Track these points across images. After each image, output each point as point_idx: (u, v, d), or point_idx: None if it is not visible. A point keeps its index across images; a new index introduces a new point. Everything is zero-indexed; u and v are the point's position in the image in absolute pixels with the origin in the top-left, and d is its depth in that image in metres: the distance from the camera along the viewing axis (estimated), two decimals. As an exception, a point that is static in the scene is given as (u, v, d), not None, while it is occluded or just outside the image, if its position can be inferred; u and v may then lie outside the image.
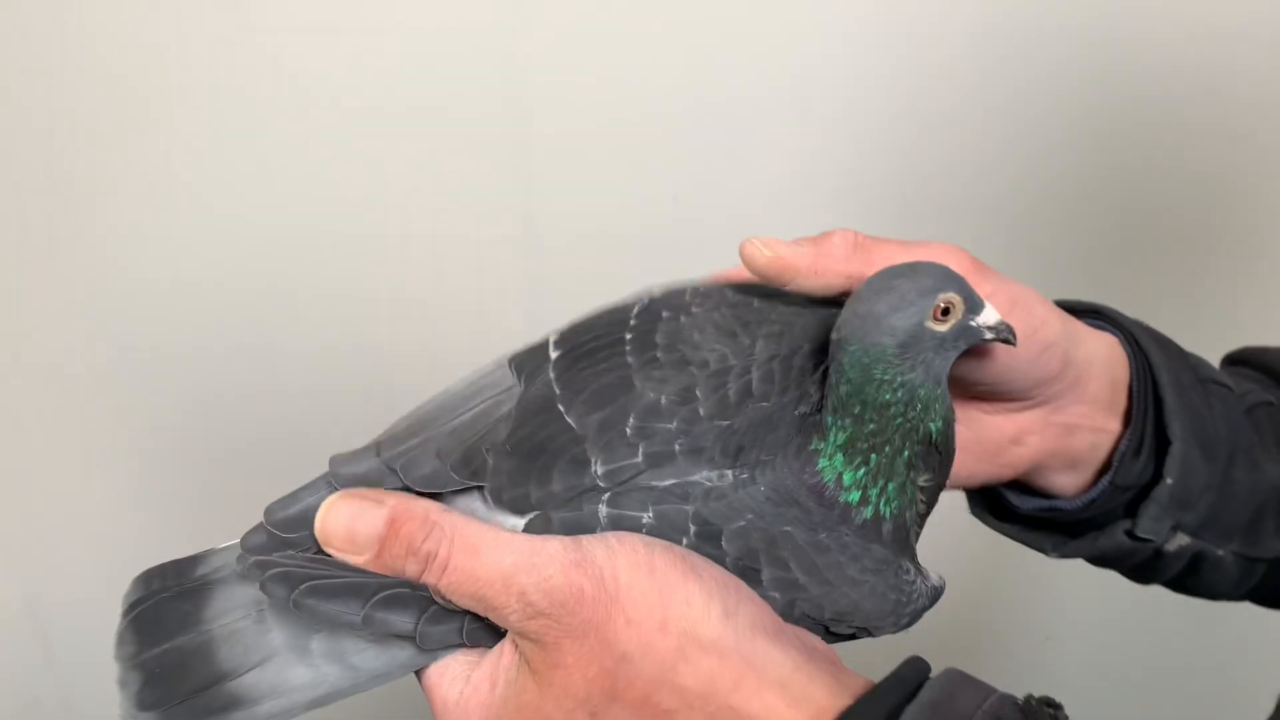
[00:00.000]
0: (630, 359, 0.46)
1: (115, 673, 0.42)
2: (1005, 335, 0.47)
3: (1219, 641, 1.26)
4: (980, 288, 0.48)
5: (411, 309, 1.13)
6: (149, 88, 1.06)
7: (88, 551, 1.17)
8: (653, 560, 0.42)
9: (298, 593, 0.41)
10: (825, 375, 0.47)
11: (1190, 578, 0.60)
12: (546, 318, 0.48)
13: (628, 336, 0.47)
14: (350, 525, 0.41)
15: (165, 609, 0.43)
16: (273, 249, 1.11)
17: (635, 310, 0.48)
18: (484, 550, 0.41)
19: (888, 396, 0.45)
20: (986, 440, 0.55)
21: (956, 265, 0.48)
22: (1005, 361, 0.51)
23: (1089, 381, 0.54)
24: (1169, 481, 0.54)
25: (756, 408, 0.46)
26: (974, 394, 0.54)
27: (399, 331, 1.14)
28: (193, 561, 0.44)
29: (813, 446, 0.46)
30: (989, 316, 0.47)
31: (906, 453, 0.45)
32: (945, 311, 0.45)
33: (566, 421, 0.44)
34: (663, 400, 0.45)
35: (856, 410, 0.45)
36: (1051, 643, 1.31)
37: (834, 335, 0.46)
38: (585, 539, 0.43)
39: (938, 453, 0.47)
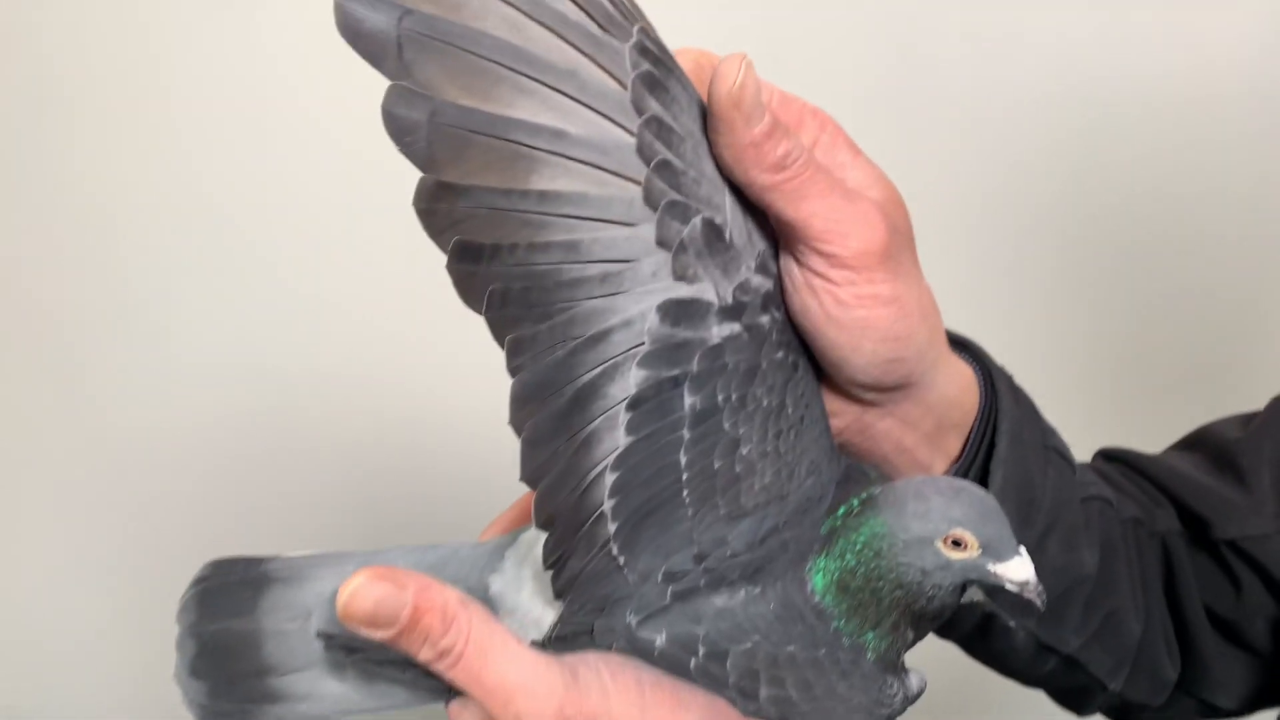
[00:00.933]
0: (686, 496, 0.45)
1: (175, 635, 0.46)
2: (1030, 596, 0.45)
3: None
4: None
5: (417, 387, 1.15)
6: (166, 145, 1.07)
7: (67, 671, 1.17)
8: (643, 700, 0.44)
9: (354, 659, 0.45)
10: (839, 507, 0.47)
11: (979, 642, 0.59)
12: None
13: (683, 460, 0.45)
14: (374, 609, 0.41)
15: (227, 591, 0.47)
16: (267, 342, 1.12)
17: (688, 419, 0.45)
18: (493, 656, 0.42)
19: (879, 574, 0.46)
20: None
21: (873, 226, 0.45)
22: (844, 340, 0.46)
23: (913, 407, 0.50)
24: None
25: (778, 538, 0.46)
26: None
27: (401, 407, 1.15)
28: (259, 560, 0.48)
29: (808, 568, 0.47)
30: (1016, 571, 0.45)
31: (894, 615, 0.46)
32: (956, 543, 0.45)
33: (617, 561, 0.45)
34: (694, 547, 0.45)
35: (852, 566, 0.46)
36: None
37: (873, 489, 0.47)
38: (584, 672, 0.44)
39: (930, 619, 0.48)
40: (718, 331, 0.44)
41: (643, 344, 0.43)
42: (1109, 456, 0.66)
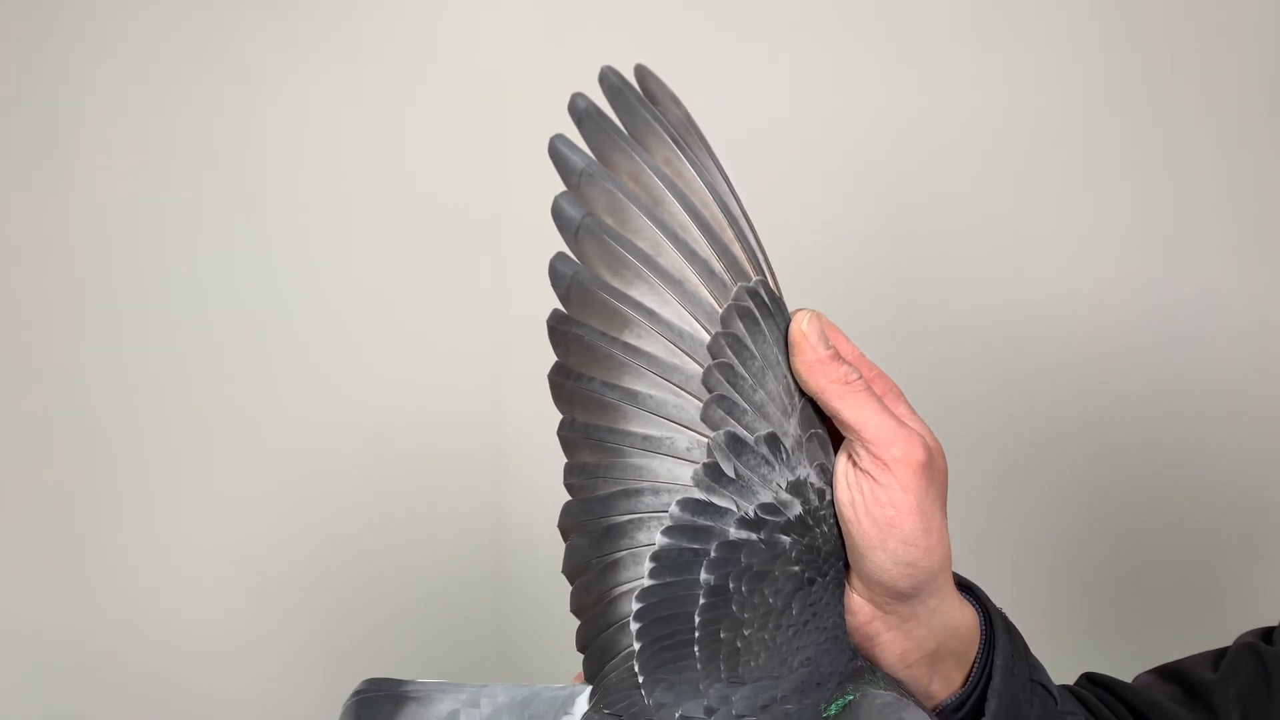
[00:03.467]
0: (697, 650, 0.54)
1: None
2: None
3: None
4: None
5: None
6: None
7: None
8: None
9: None
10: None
11: None
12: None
13: (697, 635, 0.55)
14: None
15: (376, 702, 0.59)
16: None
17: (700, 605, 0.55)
18: None
19: None
20: None
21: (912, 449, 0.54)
22: (874, 534, 0.54)
23: (918, 626, 0.57)
24: None
25: (781, 709, 0.54)
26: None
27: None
28: (400, 682, 0.60)
29: None
30: None
31: None
32: None
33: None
34: (704, 700, 0.54)
35: None
36: None
37: (853, 695, 0.54)
38: None
39: None
40: (735, 533, 0.54)
41: (666, 516, 0.54)
42: (1094, 680, 0.72)
